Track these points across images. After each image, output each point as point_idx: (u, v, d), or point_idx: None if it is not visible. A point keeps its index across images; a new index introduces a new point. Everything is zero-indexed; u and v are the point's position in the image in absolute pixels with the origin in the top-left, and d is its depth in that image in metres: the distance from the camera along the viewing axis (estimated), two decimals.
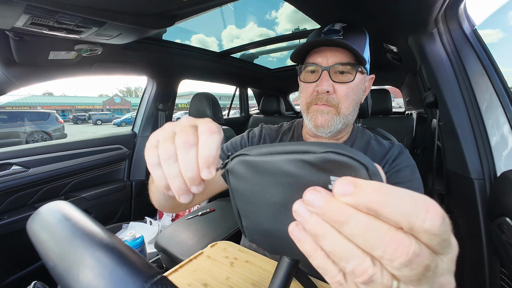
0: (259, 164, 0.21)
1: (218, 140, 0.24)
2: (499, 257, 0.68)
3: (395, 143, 0.65)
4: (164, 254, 1.06)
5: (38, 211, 0.29)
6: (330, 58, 0.58)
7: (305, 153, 0.19)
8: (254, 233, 0.25)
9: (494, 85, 0.74)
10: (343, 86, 0.58)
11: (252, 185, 0.23)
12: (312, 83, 0.60)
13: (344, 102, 0.59)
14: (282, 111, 2.48)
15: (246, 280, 0.56)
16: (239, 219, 0.25)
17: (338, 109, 0.59)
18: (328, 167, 0.18)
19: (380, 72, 2.06)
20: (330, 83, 0.57)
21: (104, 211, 1.50)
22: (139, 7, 0.79)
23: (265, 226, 0.24)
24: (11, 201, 1.17)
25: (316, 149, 0.18)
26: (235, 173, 0.24)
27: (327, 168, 0.18)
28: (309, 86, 0.61)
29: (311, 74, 0.61)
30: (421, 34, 0.84)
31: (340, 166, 0.17)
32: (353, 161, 0.17)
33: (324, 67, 0.57)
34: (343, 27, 0.61)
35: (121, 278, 0.19)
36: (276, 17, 4.26)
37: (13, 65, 1.01)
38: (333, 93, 0.58)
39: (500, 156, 0.71)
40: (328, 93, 0.57)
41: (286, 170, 0.20)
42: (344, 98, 0.58)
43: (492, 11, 0.81)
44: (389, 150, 0.62)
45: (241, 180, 0.23)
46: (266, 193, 0.22)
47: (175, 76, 1.88)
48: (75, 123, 23.21)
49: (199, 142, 0.25)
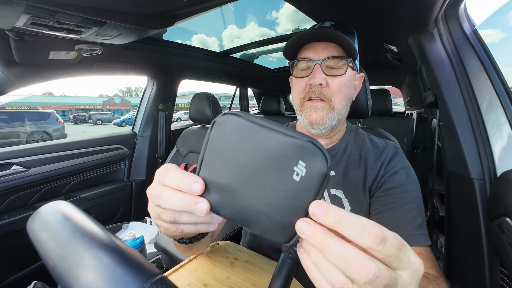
0: (249, 128, 0.24)
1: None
2: (499, 257, 0.68)
3: (389, 143, 0.65)
4: (164, 254, 1.07)
5: (38, 211, 0.29)
6: (322, 53, 0.58)
7: (290, 137, 0.23)
8: (207, 184, 0.26)
9: (494, 85, 0.74)
10: (336, 80, 0.58)
11: (230, 142, 0.25)
12: (304, 77, 0.60)
13: (337, 96, 0.59)
14: (282, 111, 2.48)
15: (246, 280, 0.56)
16: (199, 167, 0.27)
17: (332, 103, 0.58)
18: (302, 152, 0.22)
19: (380, 72, 2.07)
20: (322, 76, 0.57)
21: (104, 211, 1.50)
22: (139, 7, 0.79)
23: (223, 181, 0.25)
24: (11, 201, 1.17)
25: (300, 136, 0.23)
26: (221, 126, 0.25)
27: (300, 153, 0.22)
28: (301, 81, 0.61)
29: (303, 70, 0.61)
30: (421, 34, 0.84)
31: (312, 155, 0.22)
32: (321, 154, 0.22)
33: (316, 61, 0.58)
34: (332, 25, 0.62)
35: (121, 278, 0.19)
36: (277, 18, 4.26)
37: (13, 65, 1.01)
38: (326, 86, 0.58)
39: (500, 156, 0.71)
40: (321, 86, 0.57)
41: (268, 144, 0.23)
42: (337, 92, 0.59)
43: (492, 11, 0.81)
44: (383, 150, 0.62)
45: (223, 135, 0.25)
46: (239, 154, 0.24)
47: (175, 76, 1.88)
48: (75, 123, 23.25)
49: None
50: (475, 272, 0.75)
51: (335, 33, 0.55)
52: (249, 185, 0.24)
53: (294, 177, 0.23)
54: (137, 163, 1.72)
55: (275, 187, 0.23)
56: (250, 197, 0.24)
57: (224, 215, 0.26)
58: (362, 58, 1.70)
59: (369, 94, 0.80)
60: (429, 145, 1.84)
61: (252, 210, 0.25)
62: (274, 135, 0.23)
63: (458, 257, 0.86)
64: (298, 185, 0.23)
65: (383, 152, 0.61)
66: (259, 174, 0.24)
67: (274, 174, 0.23)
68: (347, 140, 0.67)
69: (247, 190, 0.24)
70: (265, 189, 0.24)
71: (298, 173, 0.23)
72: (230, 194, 0.25)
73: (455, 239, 0.87)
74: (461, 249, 0.84)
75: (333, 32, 0.56)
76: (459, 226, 0.85)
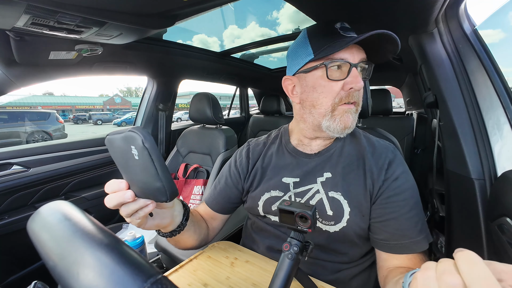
0: (112, 140, 0.38)
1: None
2: (499, 257, 0.68)
3: (386, 144, 0.65)
4: (164, 254, 1.06)
5: (39, 211, 0.29)
6: (357, 55, 0.55)
7: (120, 133, 0.36)
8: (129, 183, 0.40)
9: (495, 85, 0.73)
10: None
11: (115, 153, 0.39)
12: (339, 80, 0.55)
13: (360, 99, 0.59)
14: (282, 111, 2.48)
15: (246, 280, 0.56)
16: (123, 174, 0.40)
17: (357, 106, 0.59)
18: (128, 140, 0.35)
19: (380, 72, 2.07)
20: (361, 80, 0.55)
21: (104, 211, 1.50)
22: (140, 7, 0.79)
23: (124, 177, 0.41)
24: (12, 201, 1.17)
25: (124, 130, 0.36)
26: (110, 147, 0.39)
27: (127, 141, 0.35)
28: (335, 84, 0.55)
29: (336, 71, 0.56)
30: (421, 34, 0.84)
31: (133, 138, 0.34)
32: (136, 134, 0.34)
33: (354, 64, 0.55)
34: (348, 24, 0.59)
35: (121, 277, 0.19)
36: (277, 18, 4.24)
37: (14, 65, 1.01)
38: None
39: (501, 156, 0.71)
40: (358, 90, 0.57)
41: (117, 146, 0.37)
42: (361, 95, 0.59)
43: (493, 11, 0.81)
44: (381, 151, 0.62)
45: (111, 151, 0.39)
46: (118, 157, 0.39)
47: (175, 76, 1.88)
48: (75, 123, 23.22)
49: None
50: None
51: (393, 36, 0.51)
52: (131, 175, 0.39)
53: (136, 157, 0.35)
54: None
55: (137, 169, 0.36)
56: (138, 181, 0.38)
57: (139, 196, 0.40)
58: None
59: (369, 94, 0.79)
60: (429, 145, 1.84)
61: (143, 186, 0.38)
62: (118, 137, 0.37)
63: None
64: (141, 160, 0.34)
65: (382, 154, 0.61)
66: (128, 167, 0.38)
67: (129, 162, 0.36)
68: (342, 139, 0.66)
69: (133, 178, 0.39)
70: (136, 173, 0.37)
71: (135, 154, 0.34)
72: (131, 183, 0.40)
73: (455, 239, 0.87)
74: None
75: (392, 34, 0.51)
76: (459, 226, 0.85)
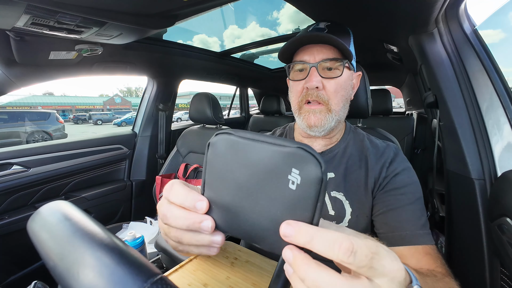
0: (240, 144, 0.24)
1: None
2: (499, 257, 0.68)
3: (389, 144, 0.65)
4: (164, 254, 1.06)
5: (39, 211, 0.29)
6: (317, 55, 0.58)
7: (280, 146, 0.22)
8: (212, 203, 0.27)
9: (495, 85, 0.73)
10: (332, 82, 0.58)
11: (225, 161, 0.25)
12: (301, 80, 0.60)
13: (333, 98, 0.59)
14: (282, 111, 2.48)
15: (246, 280, 0.56)
16: (202, 188, 0.27)
17: (329, 106, 0.59)
18: (294, 160, 0.22)
19: (380, 72, 2.07)
20: (319, 79, 0.57)
21: (104, 211, 1.50)
22: (140, 7, 0.79)
23: (224, 200, 0.26)
24: (12, 201, 1.17)
25: (290, 144, 0.22)
26: (216, 147, 0.26)
27: (292, 161, 0.22)
28: (298, 84, 0.61)
29: (300, 73, 0.61)
30: (421, 34, 0.84)
31: (304, 161, 0.21)
32: (314, 159, 0.21)
33: (312, 64, 0.58)
34: (327, 26, 0.61)
35: (121, 277, 0.19)
36: (278, 18, 4.25)
37: (14, 65, 1.01)
38: (323, 89, 0.58)
39: (501, 156, 0.71)
40: (317, 89, 0.58)
41: (259, 157, 0.23)
42: (334, 94, 0.59)
43: (493, 11, 0.81)
44: (384, 151, 0.62)
45: (218, 155, 0.26)
46: (235, 172, 0.25)
47: (176, 76, 1.88)
48: (75, 123, 23.24)
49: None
50: (475, 272, 0.75)
51: (330, 37, 0.55)
52: (249, 202, 0.24)
53: (290, 186, 0.22)
54: (137, 163, 1.72)
55: (273, 200, 0.23)
56: (252, 213, 0.24)
57: (230, 233, 0.27)
58: (362, 58, 1.70)
59: (370, 94, 0.79)
60: (429, 145, 1.84)
61: (257, 226, 0.24)
62: (264, 147, 0.23)
63: (458, 257, 0.86)
64: (295, 194, 0.22)
65: (384, 154, 0.62)
66: (256, 189, 0.23)
67: (270, 187, 0.23)
68: (346, 141, 0.67)
69: (248, 207, 0.24)
70: (264, 204, 0.23)
71: (294, 182, 0.22)
72: (233, 212, 0.25)
73: (455, 239, 0.87)
74: (461, 249, 0.84)
75: (328, 36, 0.55)
76: (459, 226, 0.85)
